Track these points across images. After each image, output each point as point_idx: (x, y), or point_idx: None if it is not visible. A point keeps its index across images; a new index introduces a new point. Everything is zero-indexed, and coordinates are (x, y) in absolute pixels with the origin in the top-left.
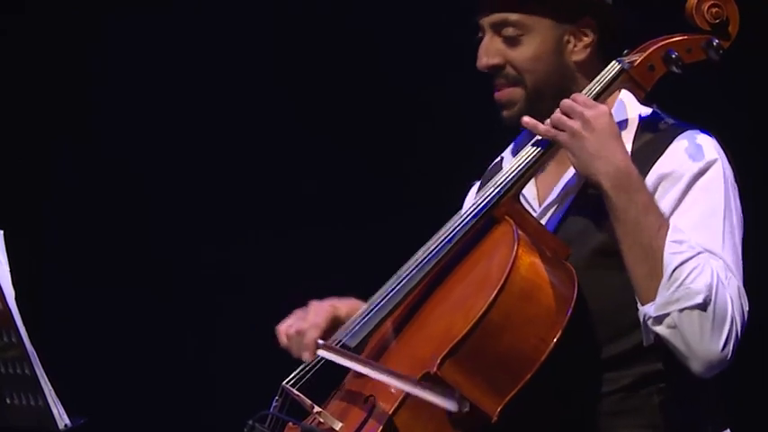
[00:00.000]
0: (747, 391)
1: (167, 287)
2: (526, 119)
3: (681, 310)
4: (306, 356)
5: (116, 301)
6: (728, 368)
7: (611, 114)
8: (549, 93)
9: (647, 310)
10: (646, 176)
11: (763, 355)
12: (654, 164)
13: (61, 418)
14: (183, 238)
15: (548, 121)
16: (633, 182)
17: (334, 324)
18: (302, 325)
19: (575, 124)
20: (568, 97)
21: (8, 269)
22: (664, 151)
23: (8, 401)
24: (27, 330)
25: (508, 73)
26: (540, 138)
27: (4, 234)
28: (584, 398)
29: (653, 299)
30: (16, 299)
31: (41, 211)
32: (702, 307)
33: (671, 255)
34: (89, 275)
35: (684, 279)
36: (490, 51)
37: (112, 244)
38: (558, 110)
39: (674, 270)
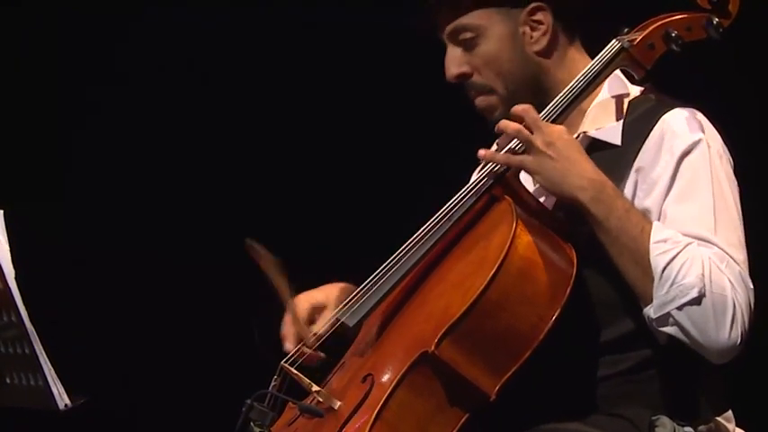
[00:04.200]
0: (750, 374)
1: (166, 266)
2: (482, 153)
3: (679, 308)
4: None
5: (114, 279)
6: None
7: (567, 131)
8: (521, 89)
9: (648, 312)
10: (637, 154)
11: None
12: (643, 142)
13: (61, 397)
14: (178, 217)
15: (514, 126)
16: (609, 191)
17: (314, 310)
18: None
19: (539, 143)
20: (546, 89)
21: (8, 248)
22: (651, 129)
23: (8, 381)
24: (27, 309)
25: (476, 82)
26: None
27: (4, 213)
28: (584, 381)
29: (651, 301)
30: (16, 278)
31: (40, 189)
32: (698, 300)
33: (657, 256)
34: (91, 254)
35: (675, 277)
36: (453, 61)
37: (111, 223)
38: (514, 126)
39: (663, 270)
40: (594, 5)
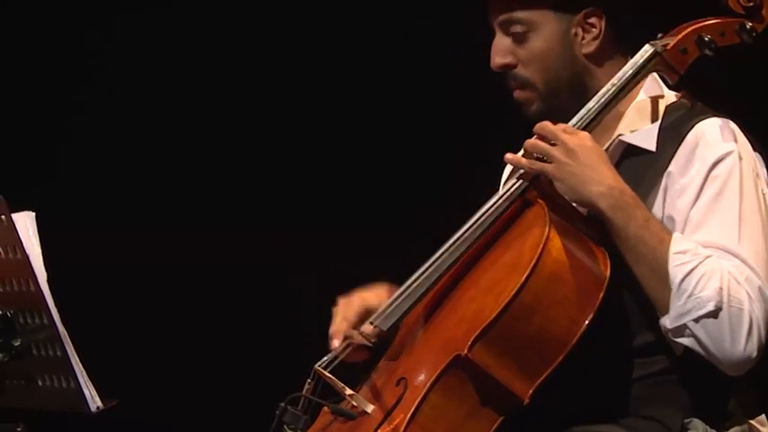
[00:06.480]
0: None
1: (201, 268)
2: (508, 156)
3: (695, 320)
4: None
5: (146, 281)
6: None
7: (591, 138)
8: (562, 88)
9: (665, 322)
10: (670, 160)
11: None
12: (677, 148)
13: (93, 399)
14: (215, 218)
15: (532, 141)
16: (628, 199)
17: (367, 313)
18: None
19: (558, 153)
20: (587, 91)
21: (40, 251)
22: (685, 136)
23: (40, 383)
24: (59, 312)
25: (517, 74)
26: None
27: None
28: (616, 382)
29: (667, 311)
30: (48, 281)
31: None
32: (714, 314)
33: (676, 267)
34: (120, 256)
35: (693, 289)
36: (500, 50)
37: (145, 222)
38: (535, 136)
39: (681, 282)
40: (646, 16)
